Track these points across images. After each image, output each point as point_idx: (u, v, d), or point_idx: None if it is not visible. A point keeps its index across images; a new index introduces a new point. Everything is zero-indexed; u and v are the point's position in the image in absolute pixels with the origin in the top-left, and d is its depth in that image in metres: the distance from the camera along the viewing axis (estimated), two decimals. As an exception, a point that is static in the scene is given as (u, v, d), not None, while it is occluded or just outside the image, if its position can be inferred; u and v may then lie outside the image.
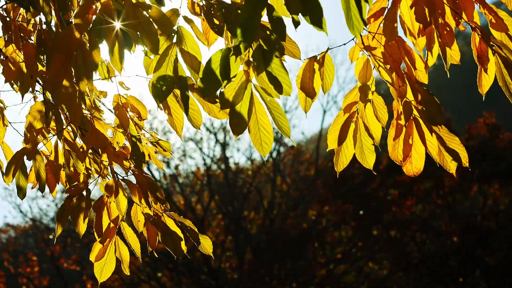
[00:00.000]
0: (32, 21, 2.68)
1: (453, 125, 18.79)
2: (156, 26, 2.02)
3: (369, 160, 2.27)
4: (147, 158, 2.80)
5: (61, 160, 2.77)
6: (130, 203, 2.70)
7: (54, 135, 2.75)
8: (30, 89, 2.65)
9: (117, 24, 2.04)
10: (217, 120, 22.32)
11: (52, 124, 2.76)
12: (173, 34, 2.13)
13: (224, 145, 20.55)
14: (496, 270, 16.36)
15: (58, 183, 2.73)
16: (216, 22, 2.17)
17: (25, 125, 2.78)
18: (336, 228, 19.40)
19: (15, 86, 2.70)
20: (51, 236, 19.40)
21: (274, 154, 20.78)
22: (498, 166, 17.01)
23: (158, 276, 19.27)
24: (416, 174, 2.12)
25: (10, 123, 2.84)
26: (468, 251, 16.45)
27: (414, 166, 2.15)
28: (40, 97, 2.76)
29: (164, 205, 2.67)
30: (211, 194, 19.94)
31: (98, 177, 2.71)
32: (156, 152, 2.90)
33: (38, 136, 2.68)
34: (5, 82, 2.65)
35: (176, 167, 20.65)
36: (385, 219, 17.88)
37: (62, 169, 2.79)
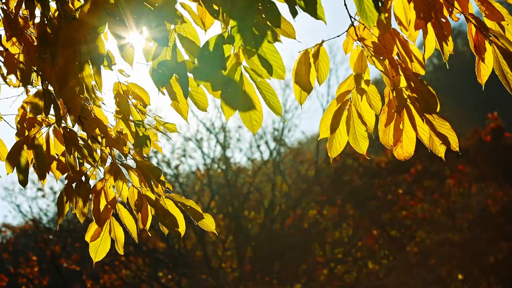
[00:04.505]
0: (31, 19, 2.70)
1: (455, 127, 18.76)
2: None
3: (362, 146, 2.30)
4: (149, 145, 2.82)
5: (53, 152, 2.80)
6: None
7: (46, 127, 2.78)
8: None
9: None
10: (218, 120, 22.34)
11: (43, 116, 2.79)
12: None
13: (224, 145, 20.57)
14: (497, 269, 16.37)
15: (48, 173, 2.76)
16: (215, 7, 2.19)
17: (16, 117, 2.81)
18: (336, 228, 19.42)
19: (8, 79, 2.73)
20: (51, 236, 19.42)
21: (274, 154, 20.81)
22: (499, 167, 17.05)
23: (159, 276, 19.27)
24: (407, 158, 2.16)
25: (2, 116, 2.86)
26: (469, 249, 16.46)
27: (405, 150, 2.18)
28: (32, 90, 2.78)
29: (165, 187, 2.70)
30: (212, 194, 19.96)
31: (91, 167, 2.73)
32: (163, 132, 2.92)
33: (32, 128, 2.71)
34: (8, 74, 2.67)
35: (177, 167, 20.67)
36: (385, 219, 17.90)
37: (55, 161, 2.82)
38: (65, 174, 2.77)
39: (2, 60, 2.65)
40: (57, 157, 2.84)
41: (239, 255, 19.09)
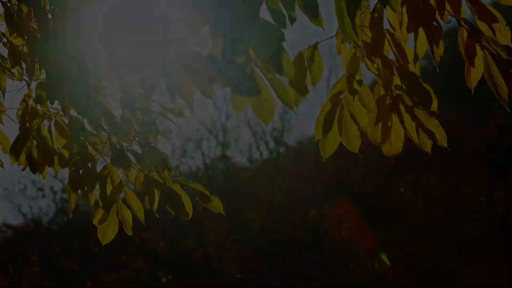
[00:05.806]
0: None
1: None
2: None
3: (354, 145, 2.32)
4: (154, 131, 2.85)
5: (55, 145, 2.82)
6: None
7: (48, 120, 2.80)
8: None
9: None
10: (218, 120, 22.33)
11: (45, 108, 2.81)
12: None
13: (224, 145, 20.60)
14: (503, 267, 16.39)
15: (50, 166, 2.79)
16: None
17: (17, 111, 2.82)
18: (336, 228, 19.44)
19: (13, 70, 2.75)
20: (51, 236, 19.46)
21: (274, 154, 20.83)
22: (504, 165, 17.07)
23: (159, 276, 19.30)
24: (395, 155, 2.19)
25: (5, 109, 2.88)
26: (473, 248, 16.48)
27: (393, 147, 2.21)
28: (33, 84, 2.80)
29: (171, 172, 2.73)
30: (212, 194, 19.95)
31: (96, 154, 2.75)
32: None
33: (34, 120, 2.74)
34: (12, 67, 2.69)
35: (177, 167, 20.70)
36: (387, 218, 17.93)
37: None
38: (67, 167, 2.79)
39: (6, 55, 2.67)
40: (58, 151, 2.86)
41: (239, 255, 19.11)
